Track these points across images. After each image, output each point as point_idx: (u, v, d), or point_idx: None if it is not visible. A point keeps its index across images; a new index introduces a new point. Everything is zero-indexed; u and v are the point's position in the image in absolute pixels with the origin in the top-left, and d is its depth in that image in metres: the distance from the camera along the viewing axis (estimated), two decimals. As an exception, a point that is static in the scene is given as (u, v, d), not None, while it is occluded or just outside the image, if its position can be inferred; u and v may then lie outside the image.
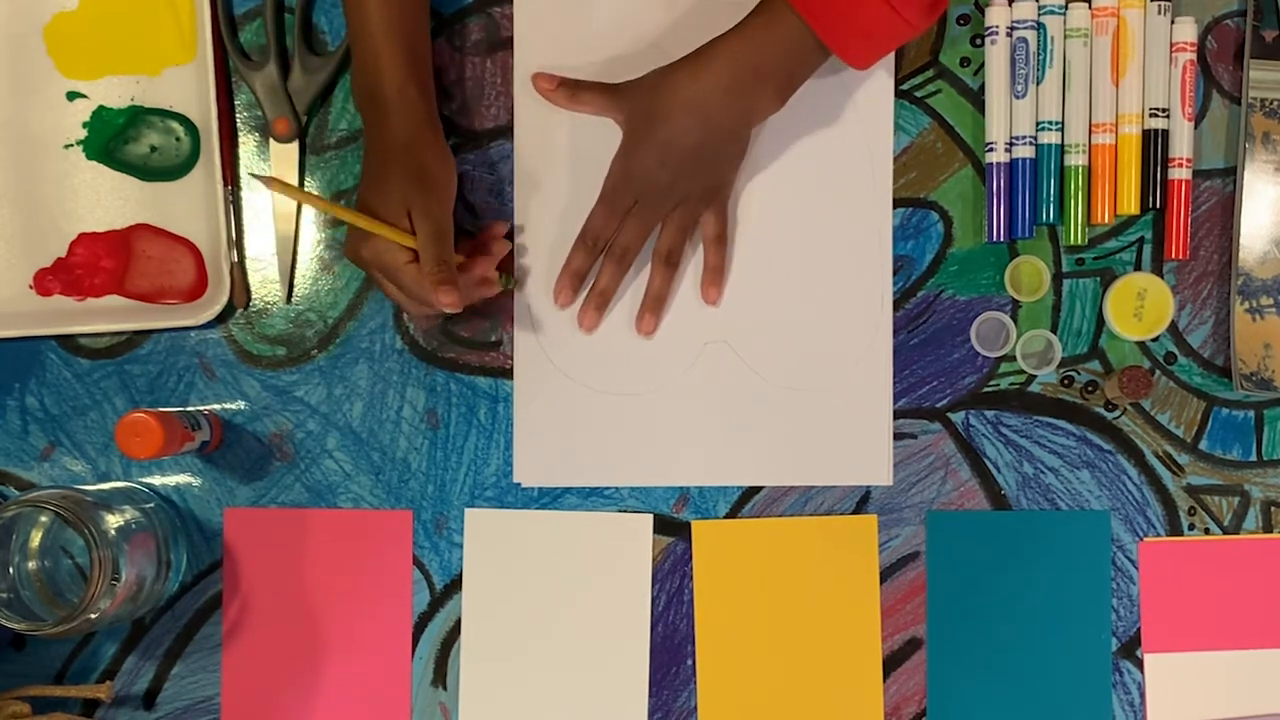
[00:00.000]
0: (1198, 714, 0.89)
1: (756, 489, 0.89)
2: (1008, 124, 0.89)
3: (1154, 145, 0.88)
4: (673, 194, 0.85)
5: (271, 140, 0.89)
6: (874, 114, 0.90)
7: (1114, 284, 0.89)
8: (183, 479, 0.90)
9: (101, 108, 0.90)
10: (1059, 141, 0.88)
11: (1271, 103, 0.89)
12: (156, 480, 0.90)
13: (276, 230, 0.89)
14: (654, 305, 0.88)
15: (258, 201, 0.90)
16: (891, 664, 0.89)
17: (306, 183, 0.90)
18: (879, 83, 0.89)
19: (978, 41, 0.90)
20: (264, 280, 0.90)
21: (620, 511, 0.89)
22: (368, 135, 0.84)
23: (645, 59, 0.88)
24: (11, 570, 0.83)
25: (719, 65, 0.82)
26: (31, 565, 0.84)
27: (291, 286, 0.90)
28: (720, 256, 0.88)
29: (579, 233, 0.87)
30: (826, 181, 0.89)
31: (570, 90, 0.88)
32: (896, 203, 0.90)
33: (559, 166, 0.90)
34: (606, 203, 0.87)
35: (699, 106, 0.82)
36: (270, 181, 0.79)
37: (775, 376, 0.89)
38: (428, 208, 0.81)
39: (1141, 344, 0.90)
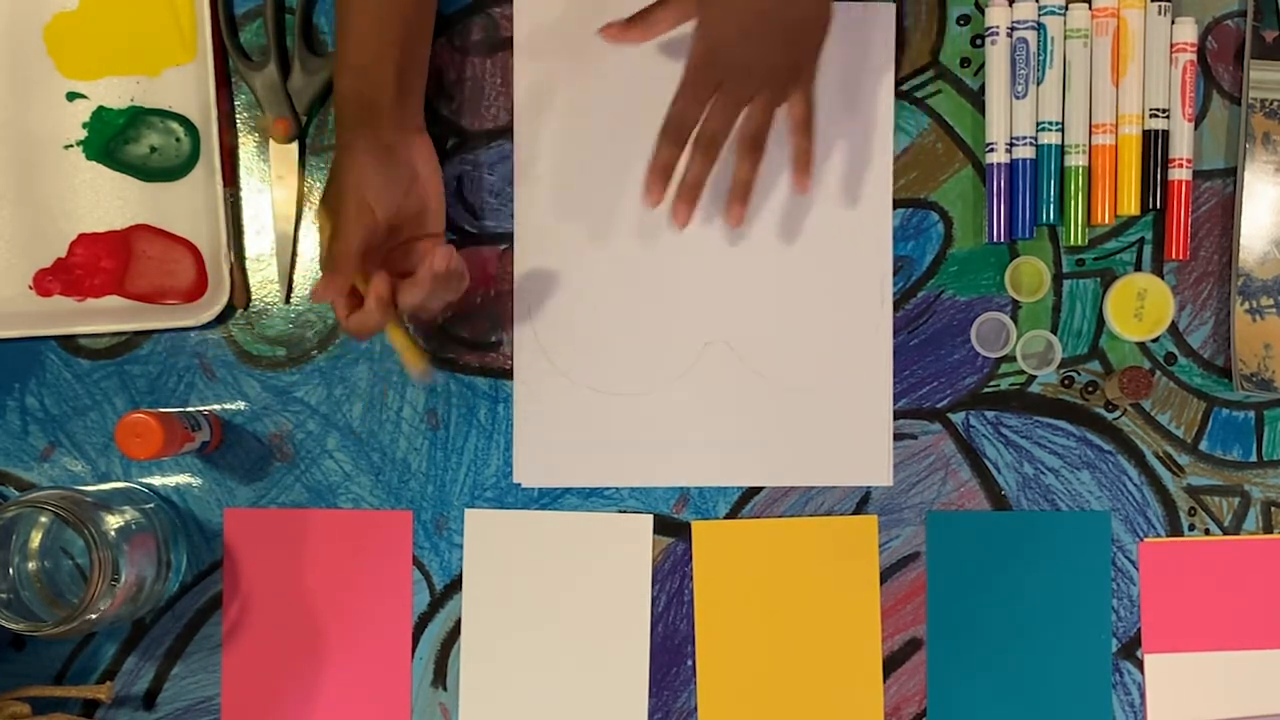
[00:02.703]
0: (1198, 714, 0.89)
1: (756, 489, 0.89)
2: (1008, 124, 0.89)
3: (1154, 146, 0.88)
4: (755, 70, 0.81)
5: (271, 140, 0.89)
6: (874, 114, 0.90)
7: (1114, 284, 0.89)
8: (183, 479, 0.90)
9: (101, 108, 0.90)
10: (1059, 142, 0.88)
11: (1271, 103, 0.89)
12: (156, 480, 0.90)
13: (276, 230, 0.89)
14: (742, 194, 0.85)
15: (258, 202, 0.90)
16: (891, 664, 0.89)
17: (306, 183, 0.90)
18: (879, 83, 0.89)
19: (978, 42, 0.90)
20: (264, 280, 0.90)
21: (620, 511, 0.89)
22: (345, 124, 0.82)
23: (646, 59, 0.88)
24: (11, 571, 0.83)
25: None
26: (31, 566, 0.84)
27: (291, 287, 0.90)
28: (808, 141, 0.85)
29: (662, 125, 0.82)
30: (826, 182, 0.89)
31: (641, 21, 0.84)
32: (896, 203, 0.90)
33: (559, 166, 0.89)
34: (687, 89, 0.82)
35: None
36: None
37: (775, 376, 0.89)
38: (335, 213, 0.79)
39: (1142, 344, 0.90)
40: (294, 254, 0.90)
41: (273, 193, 0.89)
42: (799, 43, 0.82)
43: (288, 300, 0.90)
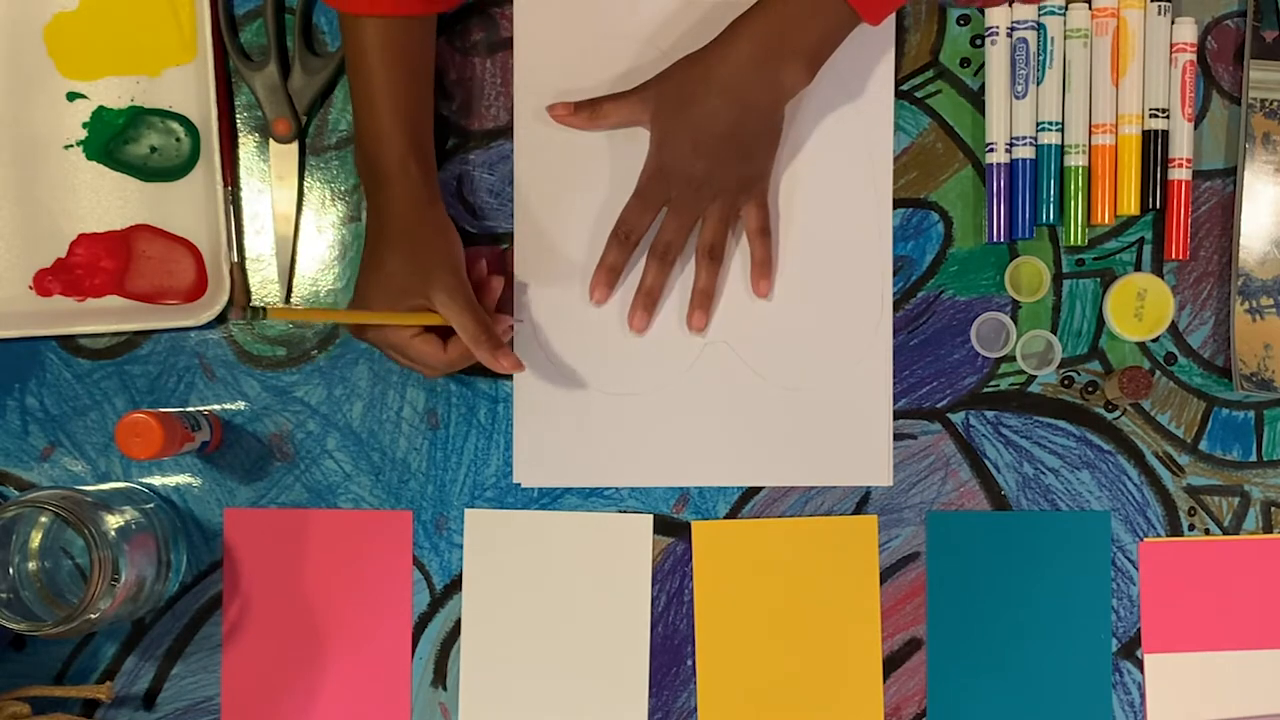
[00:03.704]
0: (1198, 714, 0.89)
1: (756, 489, 0.89)
2: (1008, 124, 0.89)
3: (1154, 146, 0.88)
4: (710, 185, 0.84)
5: (271, 140, 0.89)
6: (874, 114, 0.90)
7: (1114, 284, 0.89)
8: (183, 479, 0.90)
9: (101, 108, 0.90)
10: (1059, 142, 0.88)
11: (1271, 103, 0.89)
12: (156, 480, 0.90)
13: (276, 231, 0.89)
14: (702, 301, 0.87)
15: (258, 202, 0.90)
16: (891, 664, 0.89)
17: (306, 183, 0.90)
18: (879, 83, 0.89)
19: (978, 42, 0.90)
20: (264, 280, 0.90)
21: (620, 512, 0.89)
22: (369, 206, 0.84)
23: (645, 59, 0.88)
24: (11, 570, 0.83)
25: (745, 43, 0.81)
26: (31, 566, 0.84)
27: (290, 287, 0.90)
28: (766, 249, 0.87)
29: (613, 227, 0.86)
30: (826, 181, 0.89)
31: (589, 109, 0.86)
32: (896, 203, 0.90)
33: (559, 166, 0.89)
34: (641, 197, 0.85)
35: (729, 87, 0.81)
36: (269, 312, 0.77)
37: (775, 376, 0.89)
38: (446, 286, 0.81)
39: (1141, 344, 0.90)
40: (293, 254, 0.90)
41: (273, 193, 0.89)
42: (750, 158, 0.85)
43: (286, 300, 0.90)
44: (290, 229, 0.90)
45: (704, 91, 0.82)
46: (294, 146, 0.89)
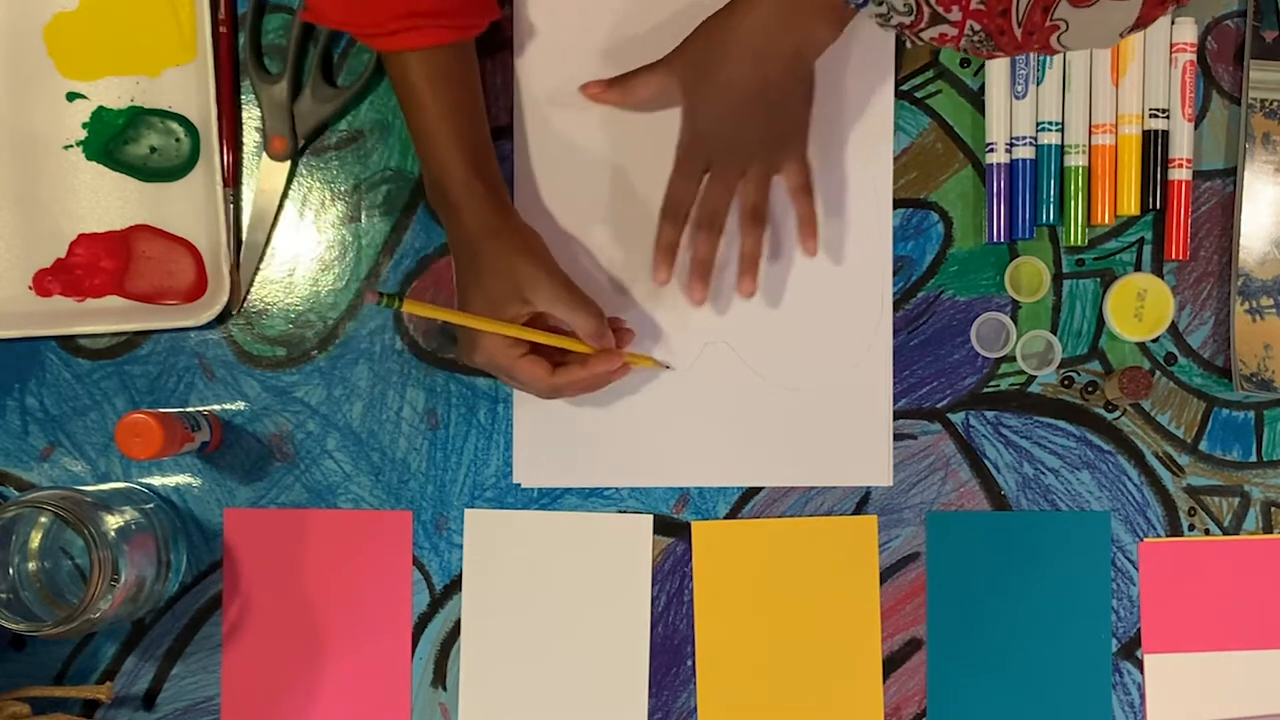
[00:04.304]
0: (1198, 714, 0.89)
1: (756, 489, 0.89)
2: (1008, 124, 0.89)
3: (1154, 146, 0.88)
4: (745, 146, 0.83)
5: (264, 155, 0.89)
6: (874, 114, 0.90)
7: (1114, 284, 0.89)
8: (183, 479, 0.90)
9: (101, 108, 0.90)
10: (1059, 142, 0.88)
11: (1271, 103, 0.89)
12: (156, 481, 0.90)
13: (247, 238, 0.89)
14: (749, 267, 0.86)
15: (257, 202, 0.90)
16: (891, 664, 0.89)
17: (306, 184, 0.90)
18: (879, 82, 0.89)
19: (978, 42, 0.90)
20: (263, 280, 0.90)
21: (620, 512, 0.89)
22: (447, 232, 0.84)
23: (645, 59, 0.88)
24: (11, 571, 0.83)
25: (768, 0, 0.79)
26: (31, 566, 0.84)
27: (247, 291, 0.89)
28: (810, 206, 0.86)
29: (661, 206, 0.85)
30: (826, 181, 0.89)
31: (621, 85, 0.86)
32: (896, 203, 0.90)
33: (559, 166, 0.89)
34: (680, 168, 0.84)
35: (753, 44, 0.79)
36: (405, 302, 0.78)
37: (775, 376, 0.89)
38: (547, 287, 0.81)
39: (1141, 344, 0.90)
40: (258, 265, 0.89)
41: (255, 200, 0.89)
42: (784, 116, 0.83)
43: (240, 306, 0.89)
44: (261, 240, 0.89)
45: (729, 53, 0.80)
46: (285, 166, 0.89)
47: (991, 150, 0.88)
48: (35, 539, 0.84)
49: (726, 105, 0.81)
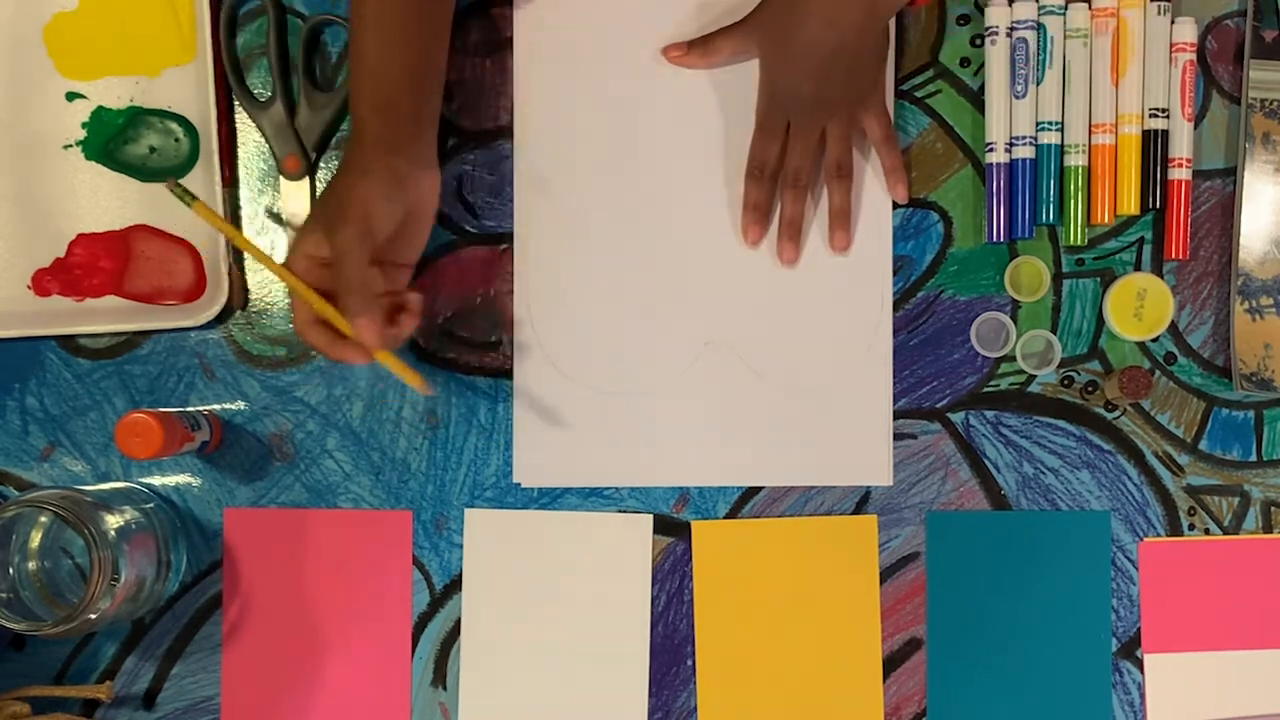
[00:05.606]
0: (1198, 714, 0.89)
1: (756, 489, 0.89)
2: (1008, 124, 0.89)
3: (1154, 145, 0.88)
4: (824, 105, 0.84)
5: (282, 178, 0.89)
6: (874, 114, 0.90)
7: (1114, 284, 0.89)
8: (183, 479, 0.90)
9: (101, 108, 0.90)
10: (1059, 142, 0.88)
11: (1271, 103, 0.89)
12: (156, 480, 0.90)
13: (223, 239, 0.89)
14: (842, 221, 0.88)
15: (257, 202, 0.90)
16: (891, 664, 0.89)
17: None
18: (879, 83, 0.90)
19: (978, 41, 0.90)
20: (263, 280, 0.90)
21: (620, 511, 0.89)
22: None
23: (645, 59, 0.88)
24: (11, 570, 0.83)
25: None
26: (31, 565, 0.84)
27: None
28: (896, 156, 0.88)
29: (746, 167, 0.87)
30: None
31: (702, 47, 0.87)
32: (896, 203, 0.90)
33: (559, 166, 0.89)
34: (762, 129, 0.87)
35: (826, 12, 0.80)
36: (195, 204, 0.76)
37: (775, 376, 0.89)
38: (347, 234, 0.76)
39: (1141, 344, 0.90)
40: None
41: (286, 230, 0.89)
42: (860, 72, 0.85)
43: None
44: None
45: (805, 17, 0.81)
46: (305, 184, 0.89)
47: (991, 150, 0.88)
48: (35, 539, 0.84)
49: (804, 67, 0.83)
